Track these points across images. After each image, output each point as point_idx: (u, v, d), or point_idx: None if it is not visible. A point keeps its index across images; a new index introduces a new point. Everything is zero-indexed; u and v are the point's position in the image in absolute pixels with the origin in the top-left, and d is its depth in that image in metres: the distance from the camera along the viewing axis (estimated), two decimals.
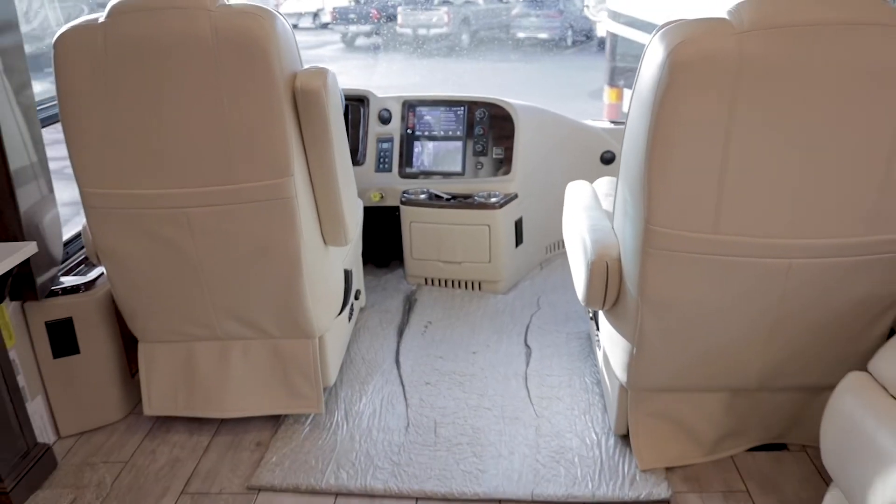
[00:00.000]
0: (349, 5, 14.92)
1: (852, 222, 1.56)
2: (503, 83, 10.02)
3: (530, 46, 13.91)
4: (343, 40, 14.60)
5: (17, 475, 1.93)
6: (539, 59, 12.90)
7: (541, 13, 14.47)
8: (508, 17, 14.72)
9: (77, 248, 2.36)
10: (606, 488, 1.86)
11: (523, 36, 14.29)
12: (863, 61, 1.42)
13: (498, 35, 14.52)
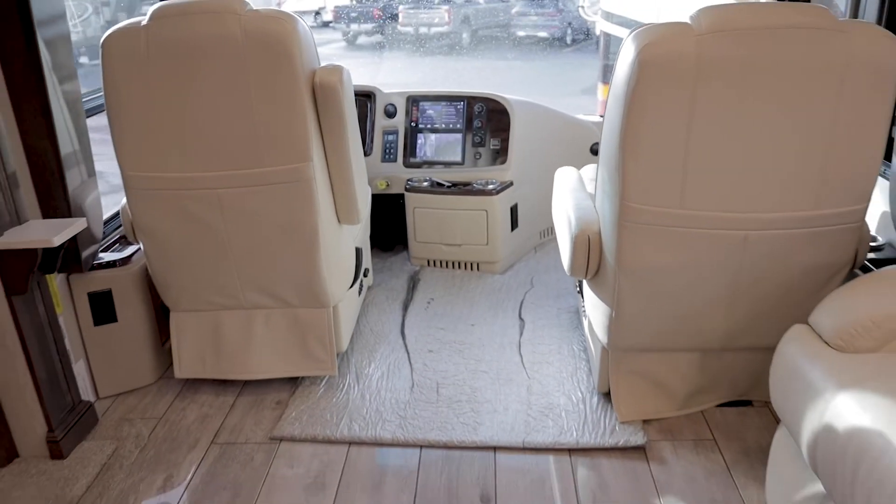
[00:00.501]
0: (350, 4, 15.13)
1: (800, 198, 1.80)
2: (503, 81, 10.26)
3: (530, 45, 14.12)
4: (345, 39, 14.81)
5: (66, 427, 2.17)
6: (538, 58, 13.12)
7: (540, 12, 14.69)
8: (508, 16, 14.93)
9: (112, 228, 2.59)
10: (589, 437, 2.10)
11: (523, 35, 14.50)
12: (804, 59, 1.66)
13: (498, 34, 14.75)
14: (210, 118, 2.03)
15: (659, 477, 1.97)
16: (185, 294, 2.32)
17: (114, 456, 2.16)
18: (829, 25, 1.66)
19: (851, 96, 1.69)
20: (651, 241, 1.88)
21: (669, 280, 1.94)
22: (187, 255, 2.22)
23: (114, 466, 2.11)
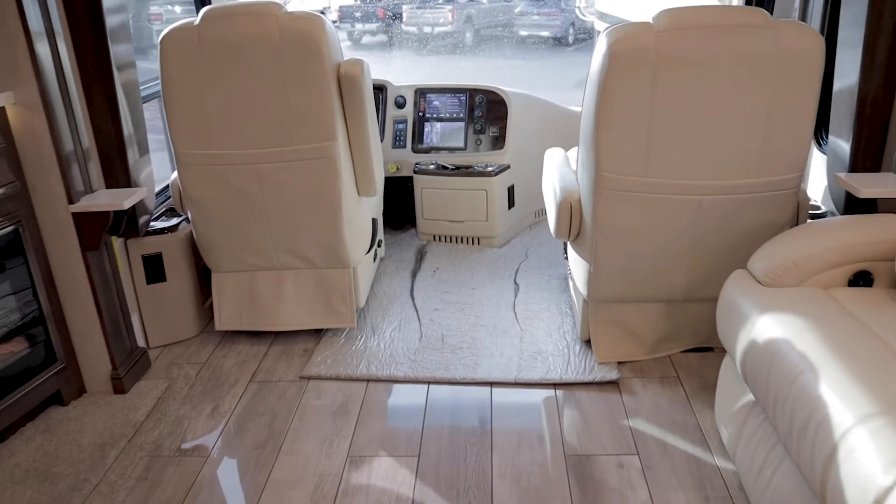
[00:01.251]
0: (355, 4, 15.46)
1: (745, 168, 2.17)
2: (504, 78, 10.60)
3: (532, 44, 14.43)
4: (350, 38, 15.13)
5: (126, 367, 2.55)
6: (540, 56, 13.44)
7: (542, 12, 15.00)
8: (511, 15, 15.25)
9: (160, 201, 2.97)
10: (572, 374, 2.47)
11: (525, 34, 14.81)
12: (743, 51, 2.03)
13: (501, 33, 15.07)
14: (251, 103, 2.41)
15: (629, 405, 2.34)
16: (225, 256, 2.70)
17: (167, 391, 2.54)
18: (765, 24, 2.03)
19: (784, 82, 2.06)
20: (621, 205, 2.26)
21: (637, 238, 2.31)
22: (229, 221, 2.60)
23: (168, 399, 2.49)
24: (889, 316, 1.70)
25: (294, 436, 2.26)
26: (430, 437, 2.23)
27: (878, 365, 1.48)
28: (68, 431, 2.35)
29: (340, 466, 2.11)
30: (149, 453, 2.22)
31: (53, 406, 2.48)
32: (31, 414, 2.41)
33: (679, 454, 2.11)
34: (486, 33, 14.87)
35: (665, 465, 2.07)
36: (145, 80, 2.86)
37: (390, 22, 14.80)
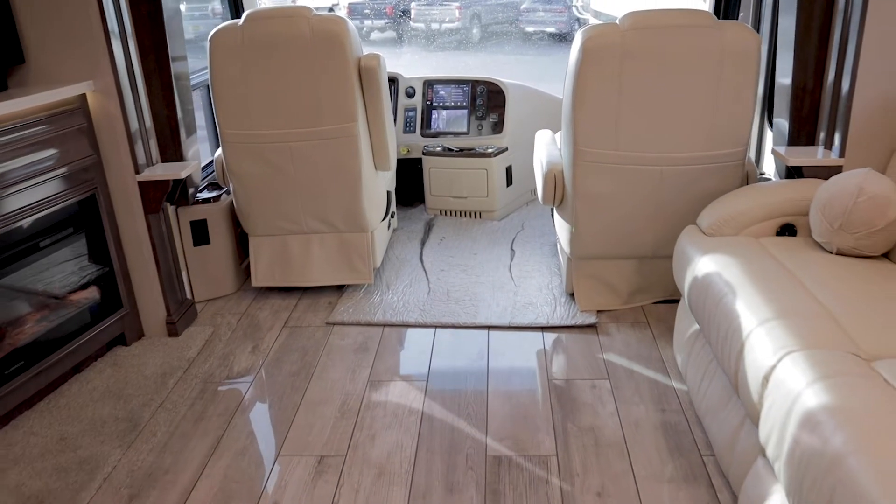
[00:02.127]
0: (364, 1, 15.87)
1: (697, 143, 2.61)
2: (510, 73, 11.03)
3: (538, 40, 14.82)
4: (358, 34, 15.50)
5: (178, 315, 3.01)
6: (545, 52, 13.82)
7: (548, 9, 15.38)
8: (517, 12, 15.64)
9: (202, 176, 3.42)
10: (557, 320, 2.92)
11: (531, 30, 15.19)
12: (693, 46, 2.47)
13: (507, 29, 15.46)
14: (285, 91, 2.86)
15: (604, 343, 2.79)
16: (261, 222, 3.15)
17: (213, 335, 3.00)
18: (711, 24, 2.48)
19: (727, 72, 2.50)
20: (596, 175, 2.70)
21: (610, 203, 2.75)
22: (265, 191, 3.06)
23: (214, 340, 2.96)
24: (802, 257, 2.14)
25: (322, 367, 2.72)
26: (437, 367, 2.68)
27: (783, 289, 1.93)
28: (133, 365, 2.81)
29: (362, 388, 2.57)
30: (202, 380, 2.68)
31: (118, 346, 2.94)
32: (101, 352, 2.87)
33: (642, 378, 2.56)
34: (493, 30, 15.27)
35: (630, 386, 2.52)
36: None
37: (398, 18, 15.22)
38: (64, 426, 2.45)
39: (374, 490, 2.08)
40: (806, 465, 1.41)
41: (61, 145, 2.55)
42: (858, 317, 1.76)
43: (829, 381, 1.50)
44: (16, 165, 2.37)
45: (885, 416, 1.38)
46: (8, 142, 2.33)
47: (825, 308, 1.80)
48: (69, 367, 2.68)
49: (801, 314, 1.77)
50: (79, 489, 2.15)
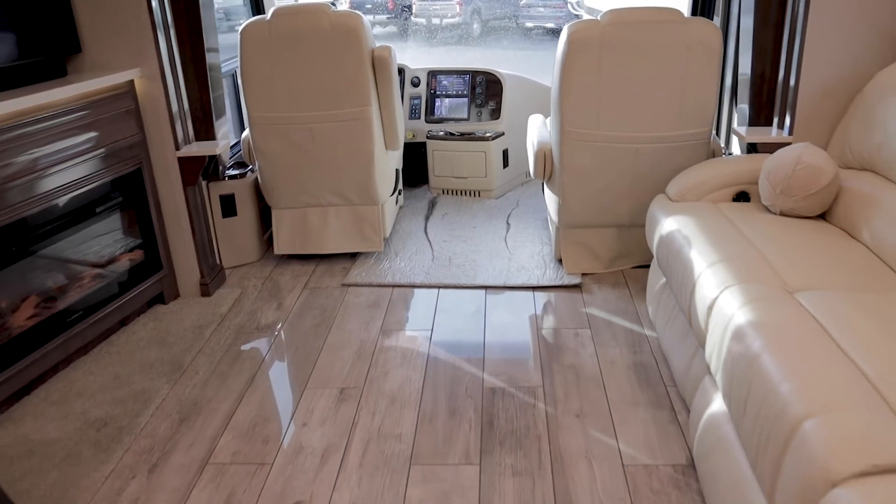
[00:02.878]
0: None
1: (667, 124, 2.99)
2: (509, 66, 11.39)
3: (537, 35, 15.16)
4: None
5: (210, 277, 3.40)
6: (543, 47, 14.16)
7: (547, 4, 15.71)
8: (517, 8, 15.99)
9: (230, 155, 3.80)
10: (546, 281, 3.30)
11: (531, 26, 15.52)
12: (662, 40, 2.85)
13: (507, 25, 15.81)
14: (307, 78, 3.24)
15: (587, 299, 3.18)
16: (283, 195, 3.54)
17: (241, 295, 3.39)
18: (679, 20, 2.86)
19: (693, 62, 2.88)
20: (580, 152, 3.09)
21: (593, 177, 3.14)
22: (287, 167, 3.44)
23: (242, 299, 3.34)
24: (750, 217, 2.52)
25: (340, 319, 3.11)
26: (440, 320, 3.07)
27: (730, 241, 2.31)
28: (172, 319, 3.20)
29: (376, 336, 2.96)
30: (234, 331, 3.07)
31: (157, 304, 3.32)
32: (142, 309, 3.25)
33: (619, 328, 2.94)
34: (493, 25, 15.60)
35: (608, 333, 2.90)
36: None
37: (400, 14, 15.55)
38: (117, 367, 2.84)
39: (388, 413, 2.47)
40: (732, 367, 1.79)
41: (113, 124, 2.93)
42: (788, 260, 2.14)
43: (755, 303, 1.88)
44: (76, 141, 2.75)
45: (795, 327, 1.77)
46: (70, 121, 2.71)
47: (762, 254, 2.19)
48: (116, 320, 3.07)
49: (741, 258, 2.16)
50: (136, 415, 2.54)
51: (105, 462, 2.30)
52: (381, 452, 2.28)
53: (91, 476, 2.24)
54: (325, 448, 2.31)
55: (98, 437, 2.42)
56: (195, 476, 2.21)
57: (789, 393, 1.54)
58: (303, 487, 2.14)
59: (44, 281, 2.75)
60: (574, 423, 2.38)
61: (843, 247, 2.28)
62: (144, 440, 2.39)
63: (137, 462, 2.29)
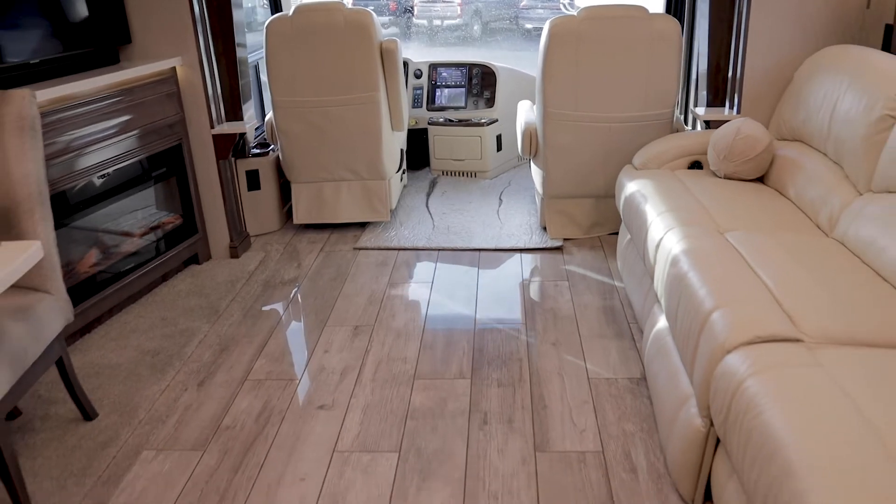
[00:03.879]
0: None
1: (635, 105, 3.48)
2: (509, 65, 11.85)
3: (536, 36, 15.60)
4: None
5: (238, 241, 3.88)
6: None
7: (546, 5, 16.13)
8: (517, 9, 16.45)
9: (255, 135, 4.29)
10: (532, 244, 3.78)
11: (531, 27, 15.95)
12: (630, 32, 3.34)
13: (507, 26, 16.27)
14: (324, 67, 3.73)
15: (566, 259, 3.66)
16: (302, 171, 4.02)
17: (265, 257, 3.87)
18: (644, 16, 3.34)
19: (656, 51, 3.37)
20: (561, 131, 3.57)
21: (572, 153, 3.62)
22: (306, 146, 3.93)
23: (267, 261, 3.83)
24: (699, 180, 3.00)
25: (353, 275, 3.59)
26: (439, 275, 3.55)
27: (678, 197, 2.79)
28: (207, 276, 3.68)
29: (384, 287, 3.45)
30: (262, 284, 3.55)
31: (192, 264, 3.81)
32: (179, 267, 3.74)
33: (593, 280, 3.43)
34: (494, 26, 16.08)
35: (583, 285, 3.39)
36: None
37: (401, 14, 16.03)
38: (163, 312, 3.33)
39: (395, 344, 2.95)
40: (669, 286, 2.28)
41: (157, 105, 3.42)
42: (723, 210, 2.63)
43: (690, 239, 2.37)
44: (127, 118, 3.23)
45: (717, 254, 2.25)
46: (123, 101, 3.20)
47: (703, 206, 2.67)
48: (159, 275, 3.55)
49: (685, 209, 2.64)
50: (182, 346, 3.03)
51: (160, 380, 2.79)
52: (390, 371, 2.76)
53: (150, 389, 2.73)
54: (343, 368, 2.80)
55: (153, 362, 2.91)
56: (237, 388, 2.70)
57: (705, 295, 2.03)
58: (326, 396, 2.63)
59: (102, 237, 3.23)
60: (550, 349, 2.86)
61: (772, 201, 2.76)
62: (192, 364, 2.88)
63: (187, 380, 2.77)
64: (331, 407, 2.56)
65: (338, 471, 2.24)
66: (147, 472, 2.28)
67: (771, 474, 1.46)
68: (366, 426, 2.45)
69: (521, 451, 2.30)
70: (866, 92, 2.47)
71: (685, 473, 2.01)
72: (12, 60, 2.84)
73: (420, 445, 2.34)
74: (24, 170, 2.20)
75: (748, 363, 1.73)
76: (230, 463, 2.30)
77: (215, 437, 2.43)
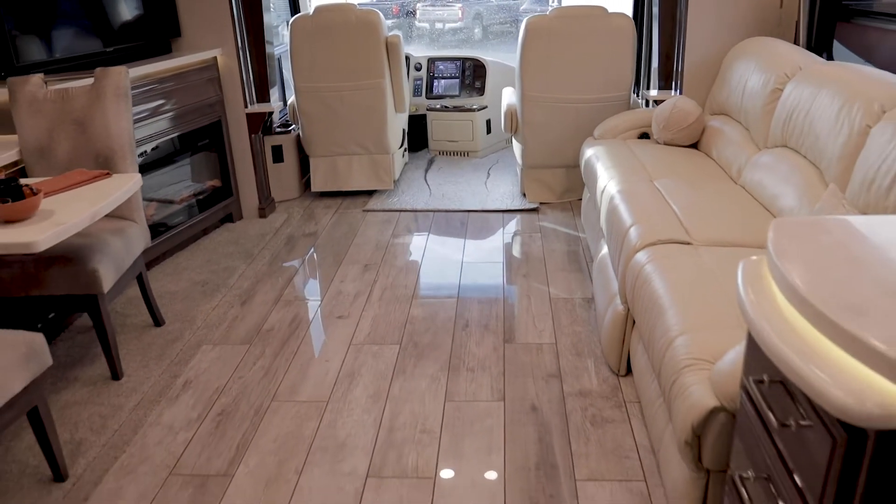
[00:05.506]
0: (372, 0, 17.39)
1: (596, 88, 4.20)
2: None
3: None
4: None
5: (265, 204, 4.60)
6: None
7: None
8: (517, 13, 17.19)
9: (279, 116, 5.02)
10: (514, 206, 4.51)
11: None
12: (591, 28, 4.07)
13: (508, 29, 16.99)
14: (339, 58, 4.46)
15: (541, 218, 4.38)
16: (319, 146, 4.75)
17: (288, 217, 4.60)
18: (602, 14, 4.07)
19: (614, 44, 4.09)
20: (537, 110, 4.30)
21: (546, 129, 4.34)
22: (323, 124, 4.66)
23: (290, 221, 4.55)
24: (643, 147, 3.72)
25: (362, 230, 4.32)
26: (434, 229, 4.27)
27: (624, 158, 3.51)
28: (240, 231, 4.41)
29: (388, 238, 4.17)
30: (286, 236, 4.28)
31: (227, 222, 4.53)
32: (216, 224, 4.47)
33: (562, 233, 4.15)
34: (494, 29, 16.81)
35: (553, 236, 4.10)
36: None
37: (404, 17, 16.75)
38: (207, 255, 4.05)
39: (397, 276, 3.67)
40: (606, 216, 2.99)
41: (202, 88, 4.15)
42: (657, 165, 3.35)
43: (625, 183, 3.09)
44: (181, 97, 3.96)
45: (643, 192, 2.96)
46: (176, 83, 3.92)
47: (641, 163, 3.39)
48: (201, 229, 4.28)
49: (627, 165, 3.36)
50: (226, 278, 3.75)
51: (211, 300, 3.51)
52: (394, 294, 3.48)
53: (204, 306, 3.45)
54: (356, 292, 3.52)
55: (203, 289, 3.63)
56: (272, 306, 3.42)
57: (628, 217, 2.75)
58: (342, 309, 3.35)
59: (159, 194, 3.96)
60: (521, 279, 3.58)
61: (698, 160, 3.49)
62: (235, 290, 3.60)
63: (232, 300, 3.50)
64: (347, 317, 3.28)
65: (353, 356, 2.96)
66: (207, 358, 3.00)
67: (653, 319, 2.17)
68: (374, 328, 3.17)
69: (493, 343, 3.01)
70: (765, 72, 3.19)
71: (612, 349, 2.72)
72: (94, 49, 3.57)
73: (416, 341, 3.06)
74: (120, 126, 2.93)
75: (649, 256, 2.45)
76: (271, 351, 3.02)
77: (258, 336, 3.15)
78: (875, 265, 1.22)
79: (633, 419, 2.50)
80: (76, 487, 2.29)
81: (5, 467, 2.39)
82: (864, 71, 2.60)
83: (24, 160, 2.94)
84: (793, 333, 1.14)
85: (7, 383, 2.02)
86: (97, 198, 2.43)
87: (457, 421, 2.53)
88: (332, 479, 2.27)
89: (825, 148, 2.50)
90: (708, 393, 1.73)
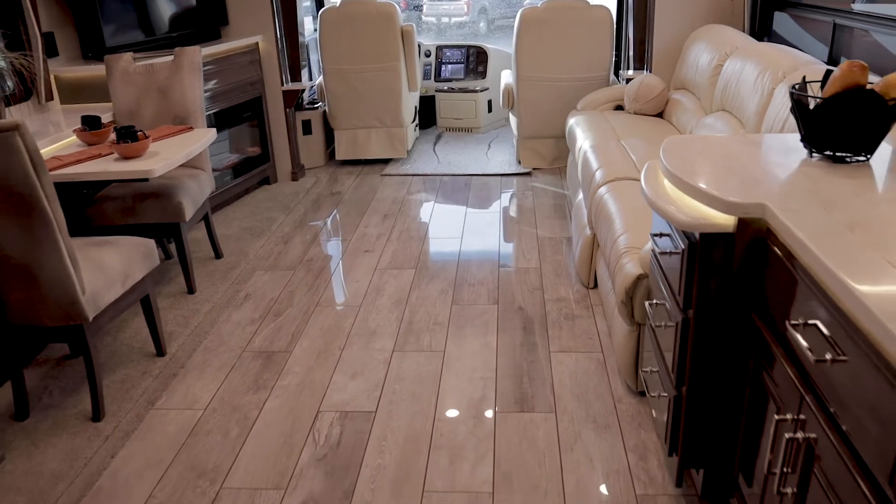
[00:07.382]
0: None
1: (580, 69, 4.95)
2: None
3: None
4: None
5: (297, 169, 5.37)
6: None
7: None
8: (521, 6, 17.84)
9: (309, 94, 5.78)
10: (510, 171, 5.26)
11: None
12: (575, 18, 4.81)
13: (512, 23, 17.67)
14: (361, 43, 5.22)
15: (533, 181, 5.13)
16: (343, 120, 5.51)
17: (316, 181, 5.36)
18: (584, 6, 4.82)
19: (595, 31, 4.84)
20: (530, 89, 5.05)
21: (538, 104, 5.10)
22: (346, 101, 5.42)
23: (318, 184, 5.32)
24: (617, 116, 4.46)
25: (381, 191, 5.08)
26: (441, 190, 5.03)
27: (599, 124, 4.26)
28: (277, 190, 5.17)
29: (404, 195, 4.93)
30: (316, 195, 5.04)
31: (264, 185, 5.30)
32: (255, 186, 5.23)
33: (550, 191, 4.90)
34: (499, 24, 17.48)
35: (542, 194, 4.86)
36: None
37: (412, 12, 17.44)
38: (250, 208, 4.82)
39: (411, 223, 4.43)
40: (581, 166, 3.75)
41: (246, 68, 4.91)
42: (624, 129, 4.10)
43: (597, 140, 3.84)
44: (229, 75, 4.73)
45: (609, 147, 3.72)
46: (227, 65, 4.69)
47: (612, 128, 4.15)
48: (243, 189, 5.04)
49: (600, 129, 4.11)
50: (269, 225, 4.52)
51: (259, 240, 4.28)
52: (409, 235, 4.25)
53: (253, 244, 4.22)
54: (377, 234, 4.28)
55: (251, 234, 4.40)
56: (310, 245, 4.19)
57: (595, 163, 3.51)
58: (368, 245, 4.11)
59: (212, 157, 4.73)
60: (513, 223, 4.34)
61: (659, 126, 4.24)
62: (277, 233, 4.37)
63: (276, 241, 4.27)
64: (371, 251, 4.04)
65: (378, 277, 3.73)
66: (261, 279, 3.77)
67: (607, 227, 2.93)
68: (394, 258, 3.93)
69: (490, 268, 3.77)
70: (712, 52, 3.94)
71: (583, 267, 3.48)
72: (161, 34, 4.34)
73: (428, 266, 3.82)
74: (194, 93, 3.69)
75: (608, 189, 3.21)
76: (312, 274, 3.79)
77: (301, 264, 3.92)
78: (717, 157, 1.97)
79: (598, 317, 3.25)
80: (173, 360, 3.06)
81: (117, 348, 3.16)
82: (779, 48, 3.35)
83: (117, 121, 3.70)
84: (665, 194, 1.90)
85: (133, 272, 2.79)
86: (187, 144, 3.20)
87: (461, 317, 3.29)
88: (366, 353, 3.03)
89: (747, 107, 3.25)
90: (636, 266, 2.49)
